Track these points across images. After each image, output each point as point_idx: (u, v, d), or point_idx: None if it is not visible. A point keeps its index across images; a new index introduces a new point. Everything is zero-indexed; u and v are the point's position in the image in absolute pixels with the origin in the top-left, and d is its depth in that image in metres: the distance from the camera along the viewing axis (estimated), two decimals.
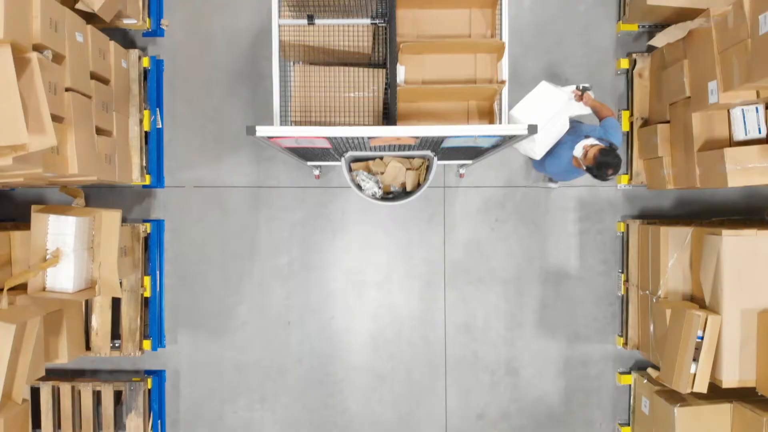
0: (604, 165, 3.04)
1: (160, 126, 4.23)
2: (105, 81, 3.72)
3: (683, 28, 3.45)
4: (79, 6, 3.45)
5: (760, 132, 3.46)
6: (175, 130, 4.27)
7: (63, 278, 3.51)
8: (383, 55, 2.91)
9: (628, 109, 4.20)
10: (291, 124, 2.89)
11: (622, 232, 4.24)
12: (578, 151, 3.23)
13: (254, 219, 4.26)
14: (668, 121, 3.84)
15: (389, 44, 2.63)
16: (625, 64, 4.18)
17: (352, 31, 2.75)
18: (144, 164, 4.08)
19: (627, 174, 4.20)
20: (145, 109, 4.10)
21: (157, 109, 4.20)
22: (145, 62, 4.10)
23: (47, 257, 3.51)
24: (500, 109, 2.85)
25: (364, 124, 2.83)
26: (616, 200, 4.29)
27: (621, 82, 4.27)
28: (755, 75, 2.87)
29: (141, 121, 4.06)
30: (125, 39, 4.24)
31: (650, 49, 4.13)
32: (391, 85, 2.68)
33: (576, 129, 3.43)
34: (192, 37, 4.27)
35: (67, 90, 3.24)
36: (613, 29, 4.28)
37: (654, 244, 3.82)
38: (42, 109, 2.76)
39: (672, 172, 3.81)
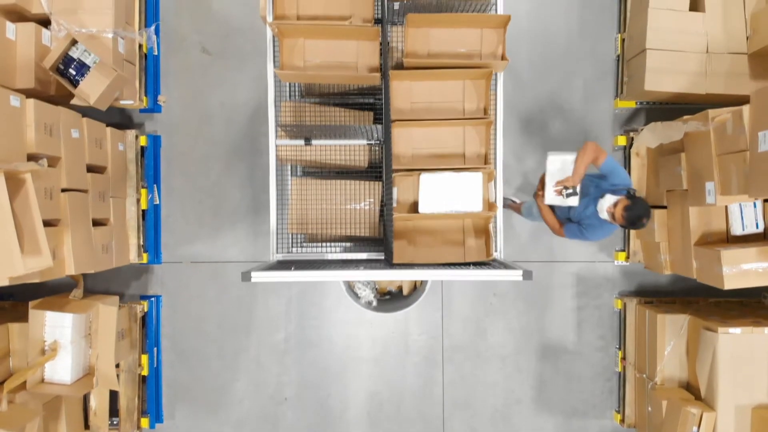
0: (636, 219, 2.91)
1: (158, 202, 4.22)
2: (101, 169, 3.72)
3: (679, 130, 3.44)
4: (74, 102, 3.44)
5: (757, 227, 3.46)
6: (173, 205, 4.27)
7: (61, 369, 3.53)
8: (379, 166, 2.91)
9: None
10: (288, 235, 2.89)
11: (620, 309, 4.24)
12: (604, 215, 3.12)
13: (251, 294, 4.26)
14: (665, 207, 3.83)
15: (385, 168, 2.64)
16: (622, 141, 4.17)
17: (349, 150, 2.76)
18: (141, 243, 4.08)
19: (624, 251, 4.20)
20: (142, 187, 4.10)
21: (155, 185, 4.20)
22: (143, 141, 4.10)
23: (45, 349, 3.52)
24: (495, 227, 2.85)
25: (360, 235, 2.83)
26: (613, 276, 4.29)
27: (618, 157, 4.27)
28: (753, 191, 2.86)
29: (138, 200, 4.05)
30: (122, 115, 4.24)
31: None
32: (387, 203, 2.68)
33: (586, 190, 3.24)
34: (189, 112, 4.27)
35: (63, 191, 3.25)
36: (610, 104, 4.28)
37: (651, 329, 3.83)
38: (37, 230, 2.76)
39: (669, 258, 3.81)
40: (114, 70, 3.48)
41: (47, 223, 3.10)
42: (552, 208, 3.24)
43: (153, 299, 4.19)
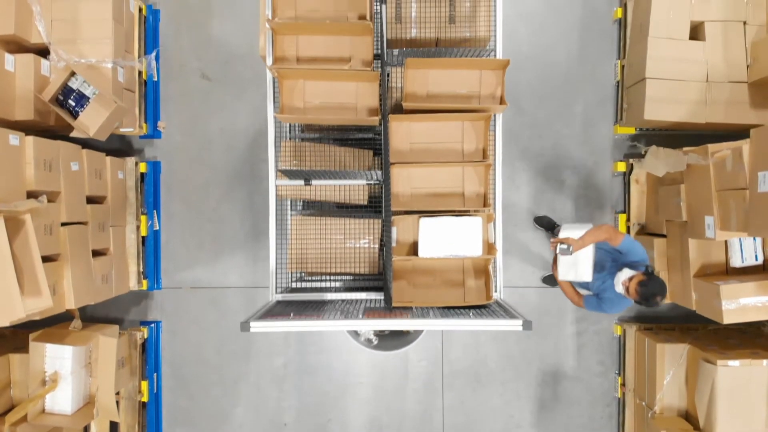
0: (650, 296, 2.88)
1: (158, 228, 4.23)
2: (101, 199, 3.73)
3: (680, 162, 3.44)
4: (74, 134, 3.44)
5: (757, 259, 3.47)
6: (173, 230, 4.28)
7: (62, 400, 3.53)
8: (379, 200, 2.91)
9: (624, 212, 4.19)
10: (288, 274, 2.90)
11: (619, 335, 4.24)
12: (620, 288, 3.14)
13: None
14: (665, 235, 3.83)
15: (384, 209, 2.64)
16: (621, 167, 4.17)
17: (349, 188, 2.76)
18: (141, 270, 4.08)
19: None
20: (142, 214, 4.10)
21: (155, 211, 4.20)
22: (142, 167, 4.10)
23: (46, 380, 3.52)
24: (495, 268, 2.85)
25: (360, 273, 2.84)
26: None
27: (618, 183, 4.27)
28: (753, 230, 2.87)
29: (138, 227, 4.06)
30: (122, 141, 4.24)
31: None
32: (386, 243, 2.69)
33: (604, 264, 3.23)
34: (189, 138, 4.27)
35: (63, 224, 3.25)
36: (610, 130, 4.28)
37: (650, 358, 3.83)
38: (37, 271, 2.77)
39: (669, 287, 3.81)
40: (114, 102, 3.48)
41: (47, 258, 3.11)
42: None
43: (153, 326, 4.19)
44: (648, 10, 3.80)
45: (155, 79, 4.17)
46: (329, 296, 2.86)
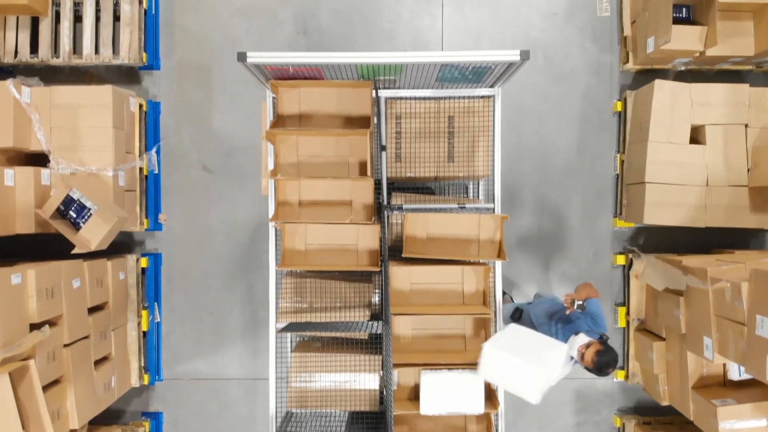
0: (604, 366, 2.89)
1: (159, 320, 4.24)
2: (103, 305, 3.74)
3: (679, 282, 3.45)
4: (76, 251, 3.45)
5: None
6: (173, 322, 4.30)
7: None
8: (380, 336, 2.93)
9: (624, 305, 4.21)
10: (288, 411, 2.92)
11: (619, 427, 4.26)
12: (574, 352, 3.15)
13: (251, 412, 4.29)
14: (664, 338, 3.85)
15: (385, 350, 2.65)
16: (621, 260, 4.19)
17: (349, 344, 2.80)
18: (142, 364, 4.10)
19: (623, 370, 4.22)
20: (143, 309, 4.12)
21: (155, 303, 4.21)
22: (143, 263, 4.11)
23: None
24: (498, 414, 2.86)
25: (360, 410, 2.86)
26: (612, 392, 4.32)
27: (618, 275, 4.29)
28: (750, 369, 2.88)
29: (139, 324, 4.07)
30: (123, 234, 4.24)
31: (645, 249, 4.14)
32: (386, 387, 2.70)
33: (559, 314, 3.28)
34: (190, 229, 4.28)
35: (65, 346, 3.27)
36: (609, 222, 4.29)
37: None
38: (42, 413, 2.79)
39: (667, 389, 3.83)
40: (115, 216, 3.48)
41: (51, 383, 3.13)
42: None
43: (154, 420, 4.21)
44: (648, 111, 3.81)
45: (156, 171, 4.18)
46: None
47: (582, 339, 2.98)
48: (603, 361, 2.86)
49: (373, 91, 2.79)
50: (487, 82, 2.91)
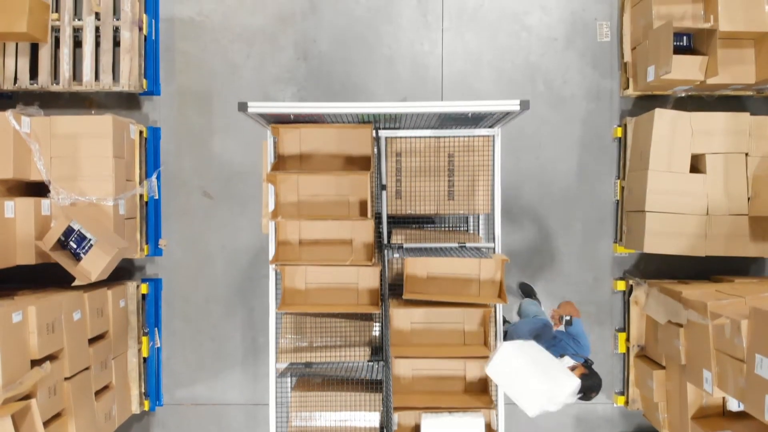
0: (588, 390, 2.89)
1: (159, 345, 4.25)
2: (104, 335, 3.74)
3: (680, 316, 3.45)
4: (76, 283, 3.45)
5: None
6: (174, 347, 4.30)
7: None
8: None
9: (624, 331, 4.21)
10: None
11: None
12: None
13: None
14: (664, 367, 3.85)
15: (385, 389, 2.66)
16: (621, 286, 4.19)
17: (349, 380, 2.80)
18: (143, 390, 4.11)
19: (623, 396, 4.22)
20: (144, 335, 4.12)
21: (156, 329, 4.22)
22: (144, 289, 4.12)
23: None
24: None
25: None
26: (612, 417, 4.32)
27: (618, 300, 4.29)
28: (749, 407, 2.88)
29: (139, 350, 4.08)
30: (123, 259, 4.24)
31: (646, 275, 4.14)
32: (387, 426, 2.71)
33: (543, 335, 3.26)
34: (190, 255, 4.29)
35: (66, 379, 3.27)
36: (609, 247, 4.29)
37: None
38: None
39: (667, 418, 3.84)
40: (115, 248, 3.48)
41: (52, 417, 3.14)
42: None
43: None
44: (648, 140, 3.81)
45: (156, 197, 4.18)
46: None
47: (567, 362, 2.98)
48: (587, 386, 2.87)
49: (374, 132, 2.80)
50: (486, 124, 2.92)
